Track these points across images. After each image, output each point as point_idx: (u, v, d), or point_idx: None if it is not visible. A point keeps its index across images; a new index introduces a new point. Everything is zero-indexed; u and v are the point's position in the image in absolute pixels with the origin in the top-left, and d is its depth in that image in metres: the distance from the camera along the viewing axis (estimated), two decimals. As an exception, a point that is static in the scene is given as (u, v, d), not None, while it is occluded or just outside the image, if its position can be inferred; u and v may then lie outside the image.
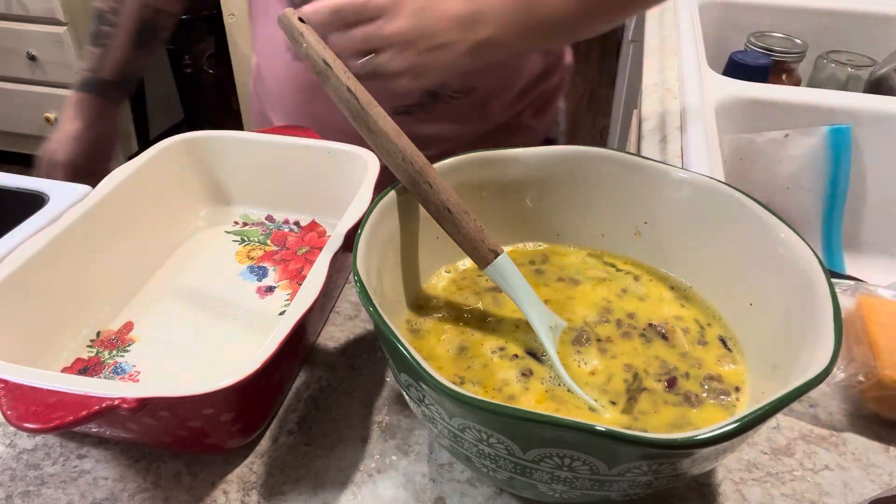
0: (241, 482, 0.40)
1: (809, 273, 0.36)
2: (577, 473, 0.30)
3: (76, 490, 0.39)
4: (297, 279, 0.53)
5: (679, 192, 0.44)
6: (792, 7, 1.04)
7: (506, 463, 0.31)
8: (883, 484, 0.40)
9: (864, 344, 0.44)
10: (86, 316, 0.48)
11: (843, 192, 0.79)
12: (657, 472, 0.29)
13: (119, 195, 0.50)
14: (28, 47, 2.04)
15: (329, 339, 0.50)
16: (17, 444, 0.42)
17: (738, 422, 0.27)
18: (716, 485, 0.40)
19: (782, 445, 0.42)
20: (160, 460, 0.41)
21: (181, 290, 0.52)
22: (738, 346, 0.41)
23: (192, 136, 0.57)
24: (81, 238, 0.47)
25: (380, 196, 0.40)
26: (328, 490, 0.39)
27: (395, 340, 0.31)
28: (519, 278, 0.40)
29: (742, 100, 0.78)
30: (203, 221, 0.59)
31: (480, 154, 0.45)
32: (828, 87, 0.94)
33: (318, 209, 0.59)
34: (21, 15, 2.00)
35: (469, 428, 0.30)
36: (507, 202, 0.47)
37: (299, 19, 0.40)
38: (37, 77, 2.10)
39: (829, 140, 0.76)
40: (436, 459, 0.41)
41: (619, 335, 0.41)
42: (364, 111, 0.39)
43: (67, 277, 0.46)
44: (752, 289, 0.40)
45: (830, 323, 0.32)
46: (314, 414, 0.44)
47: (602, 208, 0.47)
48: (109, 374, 0.45)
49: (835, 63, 0.95)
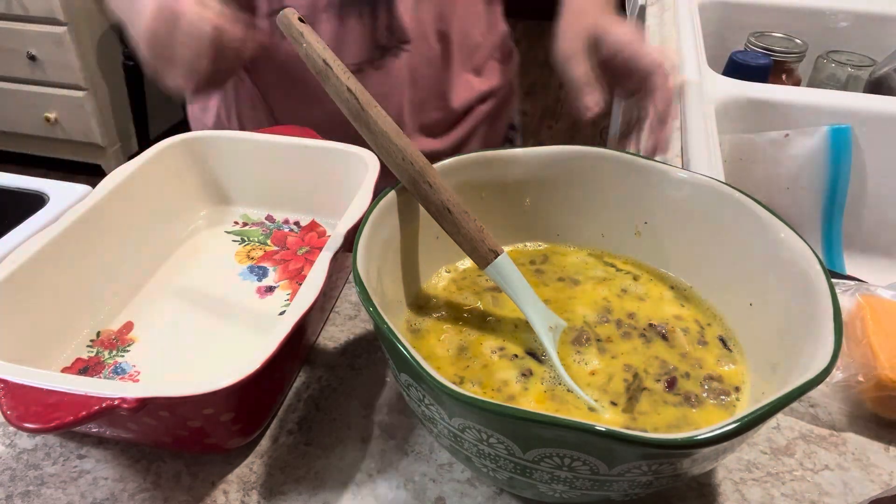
0: (241, 482, 0.40)
1: (809, 273, 0.36)
2: (577, 473, 0.30)
3: (76, 490, 0.39)
4: (297, 279, 0.53)
5: (679, 192, 0.44)
6: (792, 7, 1.05)
7: (506, 463, 0.31)
8: (883, 484, 0.40)
9: (864, 344, 0.44)
10: (86, 316, 0.48)
11: (843, 192, 0.79)
12: (657, 472, 0.29)
13: (119, 195, 0.50)
14: (28, 47, 2.04)
15: (329, 339, 0.50)
16: (17, 444, 0.42)
17: (738, 422, 0.27)
18: (716, 485, 0.40)
19: (782, 445, 0.42)
20: (160, 460, 0.41)
21: (181, 290, 0.52)
22: (738, 346, 0.41)
23: (192, 136, 0.57)
24: (81, 238, 0.47)
25: (380, 196, 0.40)
26: (328, 490, 0.39)
27: (394, 340, 0.31)
28: (519, 278, 0.40)
29: (742, 100, 0.78)
30: (203, 221, 0.59)
31: (480, 154, 0.45)
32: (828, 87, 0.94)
33: (318, 209, 0.59)
34: (21, 15, 2.00)
35: (469, 428, 0.30)
36: (507, 202, 0.47)
37: (299, 19, 0.40)
38: (37, 77, 2.10)
39: (829, 140, 0.76)
40: (436, 459, 0.41)
41: (619, 335, 0.41)
42: (364, 111, 0.39)
43: (67, 277, 0.46)
44: (752, 289, 0.40)
45: (830, 323, 0.32)
46: (314, 414, 0.44)
47: (602, 208, 0.47)
48: (109, 374, 0.45)
49: (835, 63, 0.95)
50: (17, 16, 2.00)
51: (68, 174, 2.29)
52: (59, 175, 2.33)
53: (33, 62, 2.07)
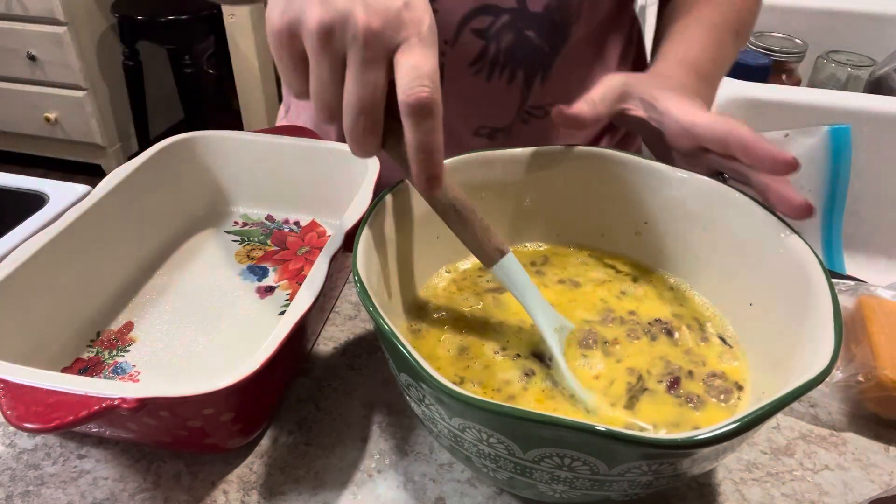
0: (241, 482, 0.40)
1: (809, 273, 0.36)
2: (578, 473, 0.30)
3: (76, 490, 0.39)
4: (297, 279, 0.53)
5: (679, 192, 0.44)
6: (792, 7, 1.05)
7: (506, 463, 0.31)
8: (883, 484, 0.40)
9: (864, 344, 0.44)
10: (86, 316, 0.48)
11: (843, 192, 0.79)
12: (657, 471, 0.29)
13: (119, 195, 0.50)
14: (28, 47, 2.04)
15: (329, 339, 0.50)
16: (17, 444, 0.42)
17: (738, 422, 0.27)
18: (716, 485, 0.40)
19: (782, 445, 0.42)
20: (160, 460, 0.41)
21: (181, 290, 0.52)
22: (738, 346, 0.41)
23: (192, 136, 0.57)
24: (81, 238, 0.47)
25: (380, 196, 0.40)
26: (328, 490, 0.39)
27: (395, 341, 0.31)
28: (525, 278, 0.40)
29: (742, 100, 0.78)
30: (203, 221, 0.59)
31: (480, 154, 0.45)
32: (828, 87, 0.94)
33: (318, 209, 0.59)
34: (21, 15, 2.00)
35: (469, 428, 0.30)
36: (507, 202, 0.47)
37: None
38: (37, 77, 2.10)
39: (829, 140, 0.76)
40: (436, 459, 0.41)
41: (623, 335, 0.41)
42: None
43: (67, 277, 0.46)
44: (752, 289, 0.40)
45: (830, 323, 0.32)
46: (314, 414, 0.44)
47: (602, 208, 0.47)
48: (109, 374, 0.45)
49: (835, 63, 0.95)
50: (16, 16, 2.00)
51: (68, 174, 2.29)
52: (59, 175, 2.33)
53: (33, 62, 2.07)
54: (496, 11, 0.56)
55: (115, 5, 2.05)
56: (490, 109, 0.62)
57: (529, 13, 0.56)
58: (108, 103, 2.20)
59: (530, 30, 0.57)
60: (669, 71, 0.51)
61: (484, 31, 0.57)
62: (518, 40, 0.57)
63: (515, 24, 0.57)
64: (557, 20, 0.57)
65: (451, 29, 0.56)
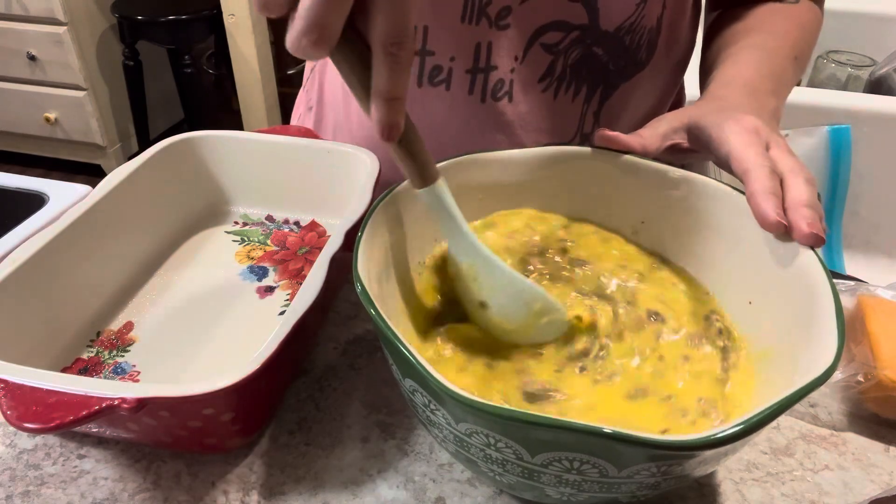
0: (241, 482, 0.40)
1: (810, 272, 0.35)
2: (586, 476, 0.30)
3: (76, 490, 0.39)
4: (297, 279, 0.53)
5: (677, 192, 0.44)
6: (792, 7, 1.04)
7: (513, 467, 0.31)
8: (883, 484, 0.40)
9: (864, 344, 0.44)
10: (86, 316, 0.48)
11: (843, 192, 0.79)
12: (665, 473, 0.29)
13: (119, 195, 0.50)
14: (28, 47, 2.04)
15: (329, 339, 0.50)
16: (17, 444, 0.42)
17: (745, 423, 0.27)
18: (716, 485, 0.40)
19: (782, 445, 0.42)
20: (160, 460, 0.41)
21: (181, 290, 0.52)
22: (737, 346, 0.41)
23: (192, 136, 0.57)
24: (81, 238, 0.47)
25: (381, 197, 0.40)
26: (328, 490, 0.39)
27: (399, 345, 0.31)
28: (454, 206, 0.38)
29: (742, 100, 0.78)
30: (203, 221, 0.59)
31: (478, 155, 0.45)
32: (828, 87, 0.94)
33: (318, 209, 0.59)
34: (21, 15, 2.00)
35: (476, 433, 0.30)
36: (506, 204, 0.47)
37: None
38: (37, 77, 2.10)
39: (829, 140, 0.76)
40: (436, 459, 0.41)
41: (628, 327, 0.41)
42: None
43: (67, 277, 0.46)
44: (752, 288, 0.40)
45: (832, 323, 0.32)
46: (314, 414, 0.44)
47: (599, 207, 0.47)
48: (109, 374, 0.45)
49: (835, 63, 0.95)
50: (16, 16, 2.00)
51: (68, 174, 2.29)
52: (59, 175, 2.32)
53: (33, 62, 2.07)
54: (567, 28, 0.55)
55: (115, 5, 2.05)
56: (553, 125, 0.60)
57: (600, 31, 0.56)
58: (108, 103, 2.20)
59: (598, 46, 0.56)
60: (719, 91, 0.49)
61: (553, 47, 0.56)
62: (584, 56, 0.57)
63: (584, 39, 0.56)
64: (627, 43, 0.57)
65: (522, 45, 0.56)
